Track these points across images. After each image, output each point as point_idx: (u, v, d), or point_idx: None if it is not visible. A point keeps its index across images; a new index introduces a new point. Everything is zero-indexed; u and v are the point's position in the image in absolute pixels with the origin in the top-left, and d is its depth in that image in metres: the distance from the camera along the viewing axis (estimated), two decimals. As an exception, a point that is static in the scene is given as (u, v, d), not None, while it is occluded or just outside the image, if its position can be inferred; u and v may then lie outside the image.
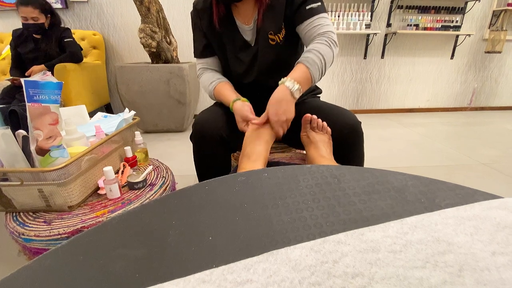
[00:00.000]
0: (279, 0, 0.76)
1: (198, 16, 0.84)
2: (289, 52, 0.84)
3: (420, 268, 0.21)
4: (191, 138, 0.81)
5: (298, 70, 0.71)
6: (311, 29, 0.75)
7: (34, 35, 1.83)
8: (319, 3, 0.76)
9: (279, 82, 0.71)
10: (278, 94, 0.69)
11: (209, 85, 0.87)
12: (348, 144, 0.76)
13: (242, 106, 0.77)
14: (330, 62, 0.74)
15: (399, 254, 0.22)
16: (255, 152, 0.69)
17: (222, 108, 0.84)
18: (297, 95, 0.70)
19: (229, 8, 0.81)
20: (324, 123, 0.75)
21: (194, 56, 0.92)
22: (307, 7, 0.74)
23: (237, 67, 0.86)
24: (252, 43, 0.83)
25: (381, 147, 2.02)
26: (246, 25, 0.81)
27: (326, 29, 0.74)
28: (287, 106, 0.69)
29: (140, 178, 0.82)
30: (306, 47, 0.76)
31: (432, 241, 0.23)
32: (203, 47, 0.87)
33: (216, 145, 0.77)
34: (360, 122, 0.75)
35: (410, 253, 0.22)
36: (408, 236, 0.24)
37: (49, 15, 1.81)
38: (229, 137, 0.78)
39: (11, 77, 1.74)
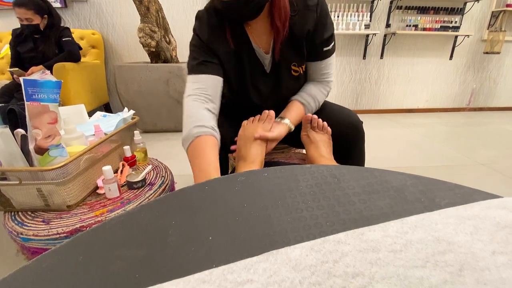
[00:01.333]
0: (300, 31, 0.70)
1: (211, 33, 0.70)
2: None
3: (420, 267, 0.21)
4: None
5: (299, 113, 0.77)
6: (318, 72, 0.79)
7: (34, 35, 1.82)
8: (333, 43, 0.76)
9: (280, 120, 0.76)
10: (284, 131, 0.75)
11: (196, 126, 0.62)
12: (349, 143, 0.76)
13: None
14: None
15: (399, 254, 0.22)
16: (250, 154, 0.69)
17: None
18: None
19: (242, 26, 0.72)
20: (325, 123, 0.75)
21: (188, 73, 0.71)
22: (324, 49, 0.74)
23: (254, 96, 0.79)
24: (267, 70, 0.77)
25: (380, 147, 2.02)
26: (265, 53, 0.74)
27: (330, 78, 0.80)
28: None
29: (139, 178, 0.82)
30: (308, 81, 0.82)
31: (432, 241, 0.23)
32: (201, 62, 0.69)
33: None
34: (362, 122, 0.76)
35: (411, 252, 0.22)
36: (408, 236, 0.24)
37: (45, 16, 1.80)
38: (226, 137, 0.77)
39: (16, 68, 1.72)
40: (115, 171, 0.90)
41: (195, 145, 0.61)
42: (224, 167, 0.84)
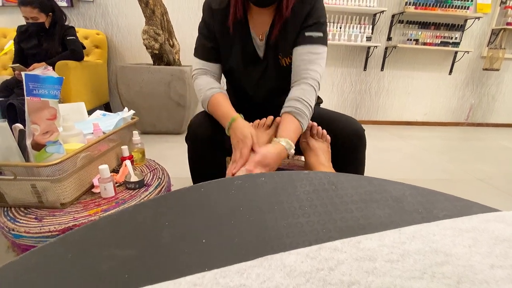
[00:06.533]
0: (294, 22, 0.73)
1: (211, 15, 0.77)
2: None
3: (417, 278, 0.21)
4: (186, 139, 0.81)
5: (292, 129, 0.69)
6: (302, 62, 0.73)
7: (39, 33, 1.83)
8: (321, 34, 0.73)
9: (276, 140, 0.67)
10: (277, 152, 0.66)
11: (208, 89, 0.77)
12: (352, 150, 0.76)
13: (244, 127, 0.69)
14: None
15: (396, 264, 0.22)
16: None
17: None
18: (289, 156, 0.71)
19: (246, 13, 0.76)
20: (324, 131, 0.75)
21: (194, 55, 0.81)
22: (307, 34, 0.72)
23: (246, 80, 0.83)
24: (262, 57, 0.81)
25: (378, 158, 2.02)
26: (260, 40, 0.78)
27: (314, 76, 0.73)
28: (277, 165, 0.67)
29: (137, 178, 0.81)
30: (293, 77, 0.76)
31: (430, 252, 0.23)
32: (209, 49, 0.79)
33: (208, 147, 0.77)
34: (364, 129, 0.76)
35: (408, 263, 0.22)
36: (405, 246, 0.24)
37: (50, 14, 1.81)
38: (222, 140, 0.77)
39: (17, 64, 1.71)
40: (112, 171, 0.89)
41: (212, 101, 0.76)
42: (220, 169, 0.84)
